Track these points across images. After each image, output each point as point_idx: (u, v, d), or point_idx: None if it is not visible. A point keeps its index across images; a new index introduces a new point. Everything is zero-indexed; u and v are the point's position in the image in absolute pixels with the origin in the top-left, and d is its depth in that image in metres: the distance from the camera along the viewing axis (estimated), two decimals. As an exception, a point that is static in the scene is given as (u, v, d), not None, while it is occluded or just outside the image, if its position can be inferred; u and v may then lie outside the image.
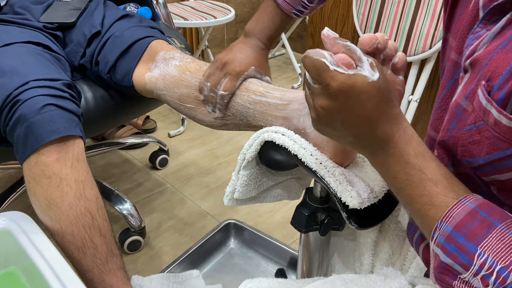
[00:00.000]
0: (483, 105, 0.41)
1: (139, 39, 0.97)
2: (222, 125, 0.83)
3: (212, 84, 0.80)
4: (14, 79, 0.81)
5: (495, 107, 0.39)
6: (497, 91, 0.40)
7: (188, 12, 2.06)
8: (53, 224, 0.80)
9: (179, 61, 0.89)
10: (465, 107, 0.44)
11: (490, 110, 0.40)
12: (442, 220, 0.42)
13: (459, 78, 0.50)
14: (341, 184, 0.54)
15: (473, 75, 0.44)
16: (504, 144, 0.41)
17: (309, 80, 0.45)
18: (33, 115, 0.77)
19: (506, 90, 0.39)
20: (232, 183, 0.64)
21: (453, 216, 0.42)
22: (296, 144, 0.57)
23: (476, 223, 0.40)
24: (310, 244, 0.68)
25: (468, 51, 0.46)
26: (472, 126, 0.43)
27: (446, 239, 0.42)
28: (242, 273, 1.19)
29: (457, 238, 0.41)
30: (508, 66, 0.39)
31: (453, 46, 0.52)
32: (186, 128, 2.00)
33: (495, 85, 0.40)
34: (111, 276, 0.83)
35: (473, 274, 0.40)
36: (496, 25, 0.43)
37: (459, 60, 0.51)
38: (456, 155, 0.46)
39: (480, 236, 0.40)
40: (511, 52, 0.40)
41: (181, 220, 1.44)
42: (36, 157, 0.78)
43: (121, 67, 0.97)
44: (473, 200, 0.42)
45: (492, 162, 0.43)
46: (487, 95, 0.40)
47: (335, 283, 0.55)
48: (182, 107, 0.86)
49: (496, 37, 0.43)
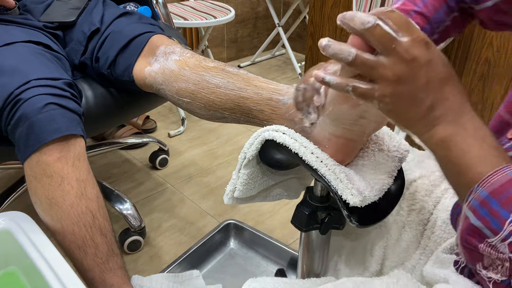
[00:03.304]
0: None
1: (140, 34, 0.97)
2: (221, 118, 0.82)
3: (305, 77, 0.62)
4: (16, 78, 0.81)
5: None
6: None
7: (188, 12, 2.06)
8: (54, 223, 0.80)
9: (179, 55, 0.89)
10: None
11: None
12: (480, 184, 0.43)
13: None
14: (342, 182, 0.54)
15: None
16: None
17: (393, 34, 0.43)
18: (35, 114, 0.77)
19: None
20: (233, 182, 0.64)
21: (491, 182, 0.42)
22: (297, 143, 0.57)
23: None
24: (310, 243, 0.68)
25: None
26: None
27: (480, 203, 0.42)
28: (242, 273, 1.19)
29: (492, 203, 0.41)
30: None
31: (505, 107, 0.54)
32: (186, 128, 2.00)
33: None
34: (112, 275, 0.83)
35: (501, 239, 0.40)
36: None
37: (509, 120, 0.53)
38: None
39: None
40: None
41: (181, 220, 1.44)
42: (37, 156, 0.78)
43: (121, 61, 0.97)
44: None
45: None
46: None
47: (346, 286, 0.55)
48: (180, 101, 0.86)
49: None
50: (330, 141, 0.57)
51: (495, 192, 0.41)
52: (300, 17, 2.66)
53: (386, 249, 0.67)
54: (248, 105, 0.78)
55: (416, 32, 0.43)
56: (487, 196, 0.42)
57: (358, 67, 0.45)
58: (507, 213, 0.40)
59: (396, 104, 0.45)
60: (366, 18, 0.43)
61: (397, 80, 0.44)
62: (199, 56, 0.89)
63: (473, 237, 0.43)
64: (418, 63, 0.43)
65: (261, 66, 2.79)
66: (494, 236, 0.41)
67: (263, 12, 2.86)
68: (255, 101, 0.76)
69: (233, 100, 0.78)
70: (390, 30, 0.43)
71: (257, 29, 2.90)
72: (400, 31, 0.43)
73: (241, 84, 0.79)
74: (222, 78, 0.80)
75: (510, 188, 0.41)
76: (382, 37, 0.43)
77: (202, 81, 0.82)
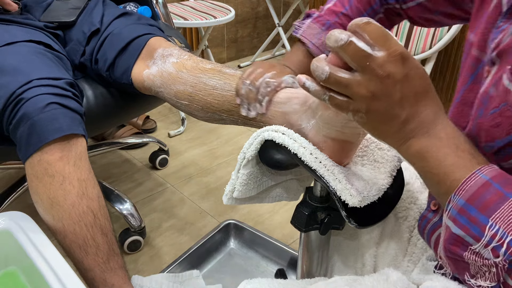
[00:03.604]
0: (505, 86, 0.43)
1: (138, 36, 0.97)
2: (219, 120, 0.83)
3: (255, 78, 0.73)
4: (17, 78, 0.81)
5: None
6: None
7: (188, 12, 2.06)
8: (55, 223, 0.81)
9: (176, 58, 0.89)
10: (492, 94, 0.46)
11: (511, 89, 0.42)
12: (456, 193, 0.43)
13: (481, 73, 0.52)
14: (341, 183, 0.54)
15: (502, 66, 0.45)
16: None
17: (367, 51, 0.42)
18: (37, 114, 0.78)
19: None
20: (232, 182, 0.64)
21: (466, 189, 0.42)
22: (296, 143, 0.57)
23: (489, 196, 0.41)
24: (310, 244, 0.68)
25: (493, 44, 0.47)
26: (495, 109, 0.45)
27: (459, 211, 0.42)
28: (242, 273, 1.19)
29: (470, 210, 0.41)
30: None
31: (475, 42, 0.53)
32: (186, 128, 2.00)
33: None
34: (113, 275, 0.83)
35: (483, 245, 0.40)
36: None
37: (480, 56, 0.52)
38: (479, 142, 0.47)
39: (492, 208, 0.40)
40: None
41: (181, 220, 1.44)
42: (39, 155, 0.78)
43: (120, 64, 0.97)
44: (487, 171, 0.42)
45: (510, 143, 0.44)
46: (510, 75, 0.42)
47: (338, 284, 0.55)
48: (178, 103, 0.86)
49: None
50: (325, 143, 0.57)
51: (471, 198, 0.42)
52: (300, 17, 2.66)
53: (376, 258, 0.67)
54: None
55: (393, 46, 0.42)
56: (464, 204, 0.42)
57: (332, 85, 0.45)
58: (485, 219, 0.40)
59: (371, 118, 0.45)
60: (339, 35, 0.42)
61: (372, 97, 0.43)
62: (197, 58, 0.89)
63: (456, 246, 0.43)
64: (393, 79, 0.42)
65: (261, 66, 2.79)
66: (476, 243, 0.41)
67: (263, 12, 2.87)
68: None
69: (230, 101, 0.79)
70: (365, 46, 0.42)
71: (257, 29, 2.90)
72: (376, 45, 0.42)
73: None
74: (219, 80, 0.81)
75: (485, 192, 0.41)
76: (355, 55, 0.42)
77: (200, 83, 0.82)
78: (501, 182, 0.42)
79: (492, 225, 0.40)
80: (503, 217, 0.40)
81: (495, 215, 0.40)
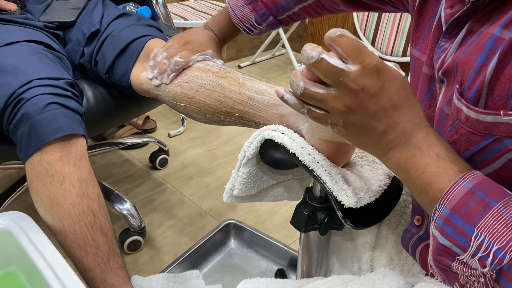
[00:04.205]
0: (456, 105, 0.44)
1: (136, 38, 0.97)
2: (218, 121, 0.83)
3: (170, 54, 0.85)
4: (18, 78, 0.81)
5: (464, 104, 0.43)
6: (467, 92, 0.43)
7: (188, 12, 2.06)
8: (55, 223, 0.81)
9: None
10: (447, 112, 0.47)
11: (461, 107, 0.43)
12: (440, 202, 0.43)
13: (435, 90, 0.53)
14: (337, 183, 0.54)
15: (449, 83, 0.47)
16: (476, 138, 0.43)
17: (339, 66, 0.41)
18: (37, 114, 0.78)
19: (475, 89, 0.42)
20: (232, 180, 0.65)
21: (450, 199, 0.42)
22: (295, 143, 0.57)
23: (473, 204, 0.41)
24: (310, 244, 0.68)
25: (438, 64, 0.48)
26: (451, 127, 0.46)
27: (444, 221, 0.42)
28: (242, 273, 1.19)
29: (455, 220, 0.41)
30: (472, 68, 0.42)
31: (424, 61, 0.54)
32: (186, 128, 2.00)
33: (466, 86, 0.43)
34: (113, 275, 0.83)
35: (470, 256, 0.40)
36: (457, 37, 0.46)
37: (431, 74, 0.53)
38: None
39: (476, 217, 0.40)
40: (471, 55, 0.43)
41: (181, 220, 1.44)
42: (39, 156, 0.78)
43: (119, 67, 0.97)
44: (471, 178, 0.42)
45: (471, 157, 0.45)
46: (459, 95, 0.43)
47: (335, 283, 0.55)
48: (177, 106, 0.86)
49: (459, 47, 0.46)
50: (321, 146, 0.57)
51: (456, 208, 0.41)
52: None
53: (372, 261, 0.67)
54: (243, 109, 0.78)
55: (366, 59, 0.41)
56: (449, 214, 0.42)
57: (308, 100, 0.45)
58: (471, 228, 0.40)
59: (349, 131, 0.45)
60: (310, 53, 0.42)
61: (347, 111, 0.43)
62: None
63: (444, 256, 0.43)
64: (367, 92, 0.42)
65: (261, 66, 2.79)
66: (463, 253, 0.41)
67: (263, 12, 2.86)
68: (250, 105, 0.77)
69: (228, 104, 0.79)
70: (336, 62, 0.41)
71: (257, 29, 2.90)
72: (349, 58, 0.41)
73: (235, 87, 0.79)
74: (217, 82, 0.81)
75: (469, 201, 0.41)
76: (327, 71, 0.42)
77: (197, 85, 0.83)
78: (484, 189, 0.41)
79: (477, 235, 0.40)
80: (488, 226, 0.39)
81: (480, 224, 0.40)
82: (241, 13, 0.87)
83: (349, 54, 0.41)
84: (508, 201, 0.40)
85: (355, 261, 0.69)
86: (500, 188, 0.42)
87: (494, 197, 0.41)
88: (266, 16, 0.87)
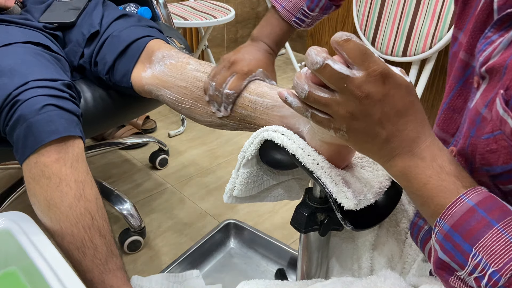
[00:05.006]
0: (500, 114, 0.41)
1: (137, 39, 0.97)
2: (220, 125, 0.83)
3: (218, 83, 0.78)
4: (14, 79, 0.81)
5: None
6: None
7: (188, 12, 2.06)
8: (53, 225, 0.80)
9: (175, 60, 0.89)
10: (485, 115, 0.44)
11: (507, 120, 0.40)
12: (441, 217, 0.42)
13: (469, 80, 0.50)
14: (337, 185, 0.54)
15: (492, 83, 0.44)
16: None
17: (344, 73, 0.41)
18: (33, 115, 0.77)
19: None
20: (232, 180, 0.64)
21: (451, 215, 0.41)
22: (295, 144, 0.57)
23: (473, 223, 0.40)
24: (309, 245, 0.68)
25: (482, 57, 0.45)
26: (490, 135, 0.43)
27: (444, 237, 0.42)
28: (242, 273, 1.19)
29: (454, 237, 0.41)
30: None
31: (463, 44, 0.51)
32: (186, 128, 2.00)
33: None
34: (111, 276, 0.83)
35: (467, 274, 0.40)
36: (509, 31, 0.43)
37: (469, 61, 0.51)
38: (474, 163, 0.46)
39: (475, 236, 0.40)
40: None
41: (181, 220, 1.44)
42: (35, 157, 0.78)
43: (120, 68, 0.97)
44: (474, 195, 0.41)
45: (509, 171, 0.42)
46: (505, 104, 0.40)
47: (335, 285, 0.55)
48: (179, 107, 0.86)
49: (511, 45, 0.42)
50: (322, 148, 0.57)
51: (456, 224, 0.41)
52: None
53: (372, 260, 0.67)
54: (244, 112, 0.78)
55: (372, 65, 0.40)
56: (449, 230, 0.41)
57: (312, 104, 0.45)
58: (469, 247, 0.40)
59: (352, 136, 0.45)
60: (315, 58, 0.41)
61: (351, 117, 0.43)
62: (196, 60, 0.89)
63: (443, 270, 0.43)
64: (372, 99, 0.41)
65: (261, 66, 2.79)
66: (461, 270, 0.40)
67: (263, 12, 2.87)
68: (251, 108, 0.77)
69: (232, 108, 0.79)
70: (341, 68, 0.41)
71: (257, 29, 2.90)
72: (355, 64, 0.41)
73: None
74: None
75: (469, 219, 0.40)
76: (332, 77, 0.41)
77: (199, 87, 0.83)
78: (486, 208, 0.41)
79: (475, 255, 0.39)
80: (486, 247, 0.39)
81: (479, 244, 0.39)
82: (289, 4, 0.81)
83: (354, 59, 0.41)
84: (509, 221, 0.40)
85: (355, 260, 0.69)
86: (503, 206, 0.41)
87: (496, 216, 0.40)
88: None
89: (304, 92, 0.44)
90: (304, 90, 0.44)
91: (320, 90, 0.44)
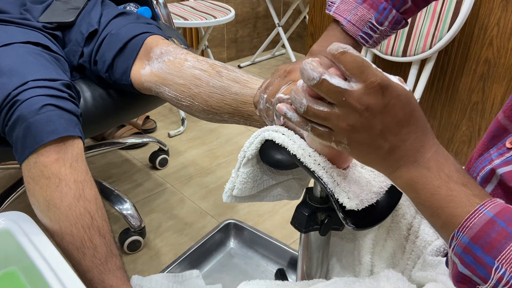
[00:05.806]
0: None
1: (135, 36, 0.97)
2: (221, 120, 0.83)
3: (270, 94, 0.68)
4: (13, 79, 0.81)
5: None
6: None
7: (188, 12, 2.06)
8: (52, 225, 0.80)
9: (174, 56, 0.89)
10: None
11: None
12: (459, 230, 0.41)
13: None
14: (339, 185, 0.54)
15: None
16: None
17: (341, 87, 0.40)
18: (32, 116, 0.77)
19: None
20: (232, 180, 0.64)
21: (470, 227, 0.40)
22: (295, 144, 0.57)
23: (494, 235, 0.39)
24: (310, 244, 0.68)
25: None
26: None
27: (464, 250, 0.41)
28: (242, 273, 1.19)
29: (474, 250, 0.40)
30: None
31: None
32: (186, 128, 2.00)
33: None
34: (111, 276, 0.83)
35: (491, 287, 0.39)
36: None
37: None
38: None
39: (497, 249, 0.39)
40: None
41: (181, 220, 1.44)
42: (35, 158, 0.78)
43: (119, 65, 0.97)
44: (491, 207, 0.41)
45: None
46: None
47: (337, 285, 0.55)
48: (179, 104, 0.86)
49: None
50: (322, 151, 0.57)
51: (475, 237, 0.40)
52: (300, 17, 2.66)
53: (373, 256, 0.67)
54: (246, 109, 0.78)
55: (370, 76, 0.40)
56: (468, 243, 0.40)
57: (311, 118, 0.44)
58: (492, 260, 0.39)
59: (354, 149, 0.44)
60: (311, 74, 0.41)
61: (352, 130, 0.42)
62: (194, 56, 0.88)
63: (464, 284, 0.42)
64: (372, 111, 0.41)
65: (261, 66, 2.79)
66: (484, 284, 0.40)
67: (263, 12, 2.86)
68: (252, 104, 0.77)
69: (230, 104, 0.79)
70: (339, 82, 0.40)
71: (257, 29, 2.90)
72: (352, 76, 0.40)
73: (236, 87, 0.79)
74: (218, 81, 0.81)
75: (490, 231, 0.40)
76: (330, 92, 0.41)
77: (200, 83, 0.82)
78: (506, 219, 0.40)
79: (498, 267, 0.38)
80: (508, 259, 0.38)
81: (501, 256, 0.38)
82: (355, 17, 0.71)
83: (351, 72, 0.40)
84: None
85: (356, 259, 0.69)
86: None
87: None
88: (387, 10, 0.71)
89: (302, 106, 0.44)
90: (302, 104, 0.44)
91: (319, 104, 0.43)
